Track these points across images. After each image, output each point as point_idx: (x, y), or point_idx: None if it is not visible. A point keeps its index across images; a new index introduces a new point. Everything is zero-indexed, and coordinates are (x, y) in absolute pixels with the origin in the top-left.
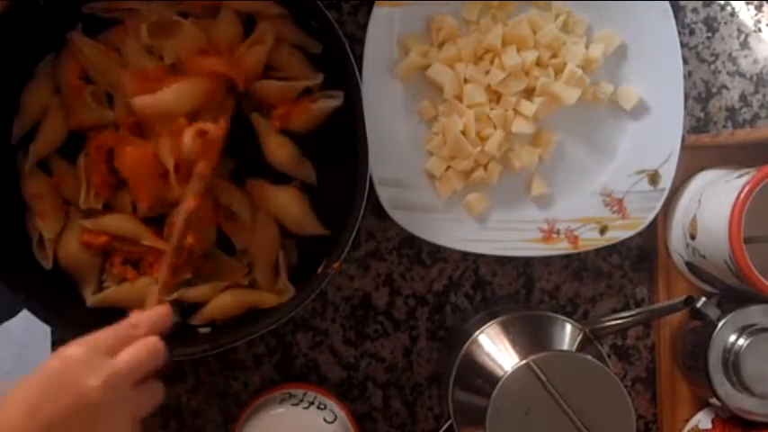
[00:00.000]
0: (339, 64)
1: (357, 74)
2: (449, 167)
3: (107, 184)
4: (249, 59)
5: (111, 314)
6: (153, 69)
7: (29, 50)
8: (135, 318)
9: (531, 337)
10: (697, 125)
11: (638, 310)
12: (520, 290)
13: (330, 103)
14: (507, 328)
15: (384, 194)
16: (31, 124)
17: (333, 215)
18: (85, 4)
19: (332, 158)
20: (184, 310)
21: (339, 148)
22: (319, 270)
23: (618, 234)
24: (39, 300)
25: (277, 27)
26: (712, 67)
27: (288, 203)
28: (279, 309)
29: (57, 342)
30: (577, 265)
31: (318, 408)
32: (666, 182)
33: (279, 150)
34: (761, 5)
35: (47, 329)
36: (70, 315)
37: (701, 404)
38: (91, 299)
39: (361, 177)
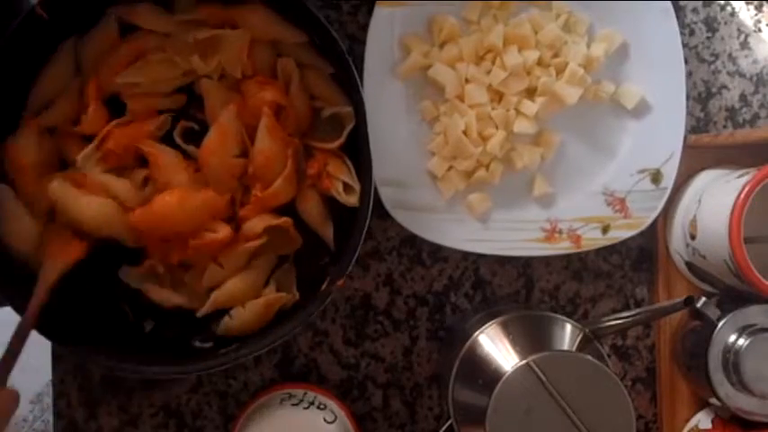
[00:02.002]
0: (342, 77)
1: (359, 82)
2: (450, 167)
3: (116, 157)
4: (299, 103)
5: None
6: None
7: (49, 34)
8: None
9: (531, 337)
10: (697, 125)
11: (638, 310)
12: (520, 290)
13: (350, 199)
14: (507, 328)
15: (386, 194)
16: (45, 102)
17: (335, 219)
18: (111, 7)
19: None
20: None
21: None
22: (323, 287)
23: (620, 233)
24: (44, 318)
25: (296, 53)
26: (712, 67)
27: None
28: (281, 327)
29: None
30: (577, 265)
31: (318, 408)
32: (668, 181)
33: (309, 204)
34: (761, 5)
35: None
36: (70, 332)
37: (701, 404)
38: None
39: (364, 205)
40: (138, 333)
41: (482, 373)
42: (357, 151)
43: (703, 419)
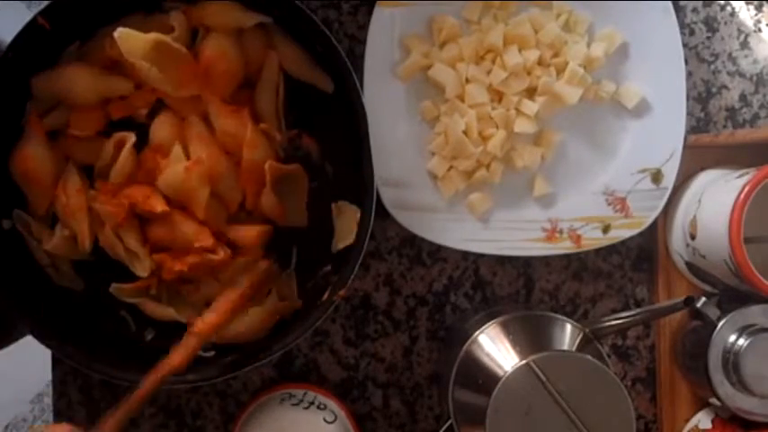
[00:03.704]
0: (341, 80)
1: (358, 85)
2: (451, 167)
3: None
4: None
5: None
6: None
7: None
8: None
9: (531, 337)
10: (697, 125)
11: (638, 310)
12: (520, 290)
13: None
14: (507, 328)
15: (386, 195)
16: (46, 108)
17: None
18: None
19: (338, 177)
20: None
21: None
22: (325, 296)
23: (621, 233)
24: (46, 326)
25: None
26: (712, 67)
27: None
28: (283, 336)
29: None
30: (577, 265)
31: (318, 408)
32: (669, 180)
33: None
34: (761, 5)
35: None
36: (76, 342)
37: (701, 404)
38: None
39: (365, 219)
40: (139, 342)
41: (482, 373)
42: (360, 166)
43: (703, 419)
